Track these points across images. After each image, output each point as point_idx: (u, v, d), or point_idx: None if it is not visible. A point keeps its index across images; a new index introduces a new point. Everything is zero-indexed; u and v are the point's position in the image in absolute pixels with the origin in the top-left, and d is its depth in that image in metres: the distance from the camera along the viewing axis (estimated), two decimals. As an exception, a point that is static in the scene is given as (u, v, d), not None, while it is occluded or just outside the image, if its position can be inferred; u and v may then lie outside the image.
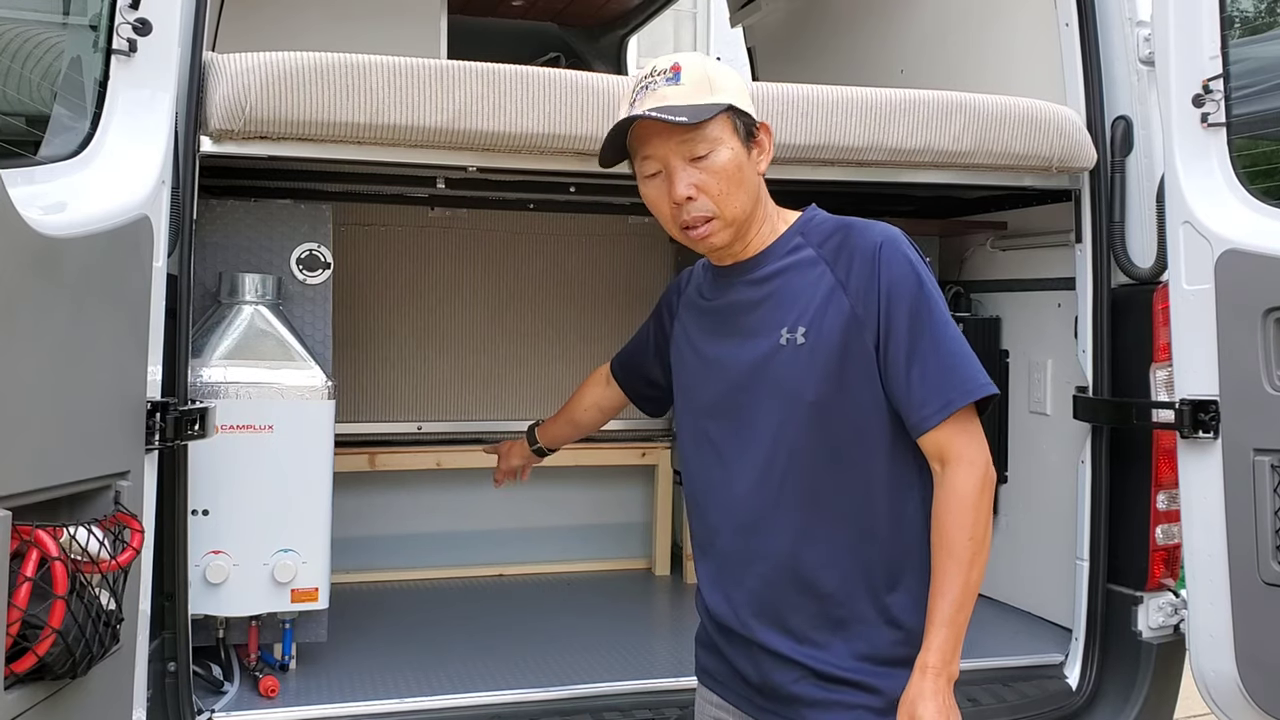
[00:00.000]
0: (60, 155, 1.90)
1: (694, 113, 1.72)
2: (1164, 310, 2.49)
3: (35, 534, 1.57)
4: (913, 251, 1.78)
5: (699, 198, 1.76)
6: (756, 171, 1.81)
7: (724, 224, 1.78)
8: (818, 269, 1.79)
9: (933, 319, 1.74)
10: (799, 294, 1.79)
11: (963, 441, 1.72)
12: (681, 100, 1.73)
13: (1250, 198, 2.37)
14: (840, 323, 1.75)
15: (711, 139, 1.74)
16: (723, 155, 1.75)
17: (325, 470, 2.56)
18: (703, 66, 1.78)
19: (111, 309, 1.85)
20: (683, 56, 1.80)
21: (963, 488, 1.71)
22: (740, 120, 1.78)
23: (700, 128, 1.73)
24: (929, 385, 1.72)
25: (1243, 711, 2.35)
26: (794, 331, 1.77)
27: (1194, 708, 2.68)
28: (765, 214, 1.86)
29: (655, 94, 1.75)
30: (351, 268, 3.42)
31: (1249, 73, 2.40)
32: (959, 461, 1.72)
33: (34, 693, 1.61)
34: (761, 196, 1.84)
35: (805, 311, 1.77)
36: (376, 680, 2.61)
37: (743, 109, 1.78)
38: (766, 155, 1.83)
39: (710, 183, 1.75)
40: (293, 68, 2.20)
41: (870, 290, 1.74)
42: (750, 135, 1.79)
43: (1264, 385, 2.27)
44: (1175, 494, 2.53)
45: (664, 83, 1.76)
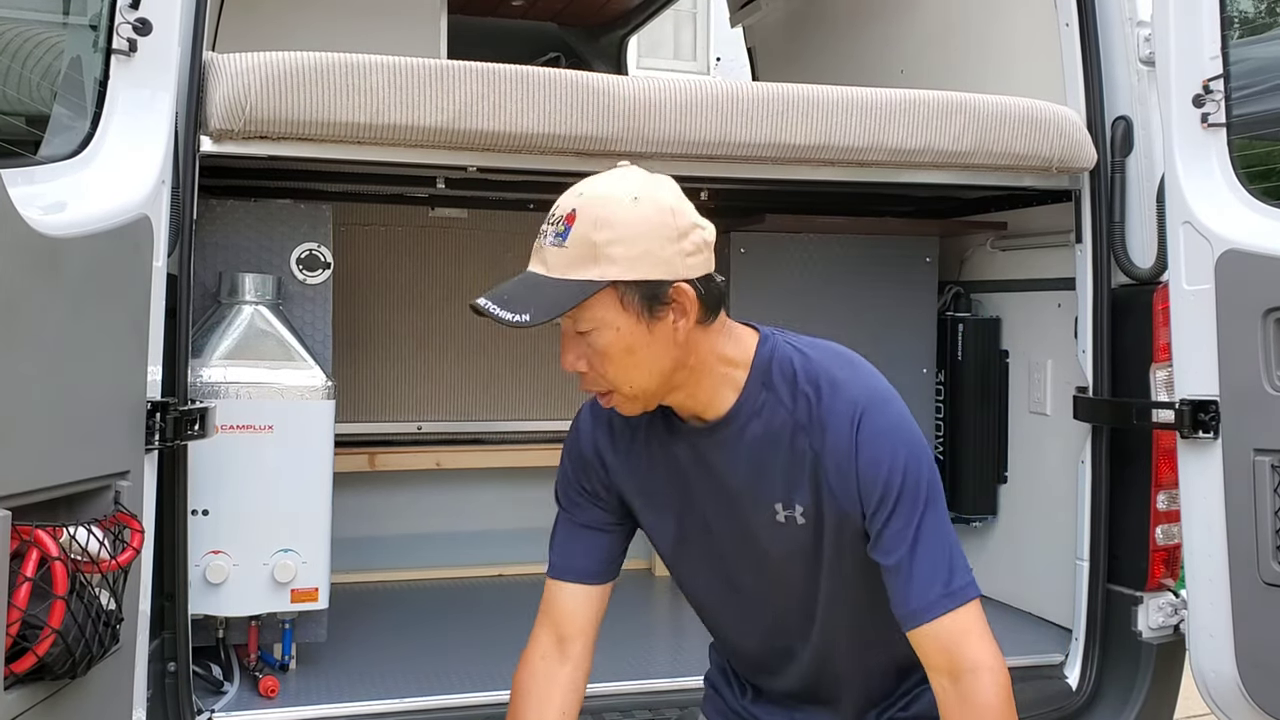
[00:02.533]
0: (60, 155, 1.90)
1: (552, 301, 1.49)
2: (1164, 310, 2.49)
3: (35, 534, 1.57)
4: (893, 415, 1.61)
5: (589, 373, 1.58)
6: (670, 341, 1.54)
7: (626, 398, 1.59)
8: (796, 437, 1.61)
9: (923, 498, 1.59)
10: (784, 466, 1.62)
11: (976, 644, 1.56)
12: (558, 268, 1.50)
13: (1250, 198, 2.37)
14: (830, 498, 1.61)
15: (591, 319, 1.52)
16: (604, 338, 1.53)
17: (325, 470, 2.56)
18: (594, 222, 1.49)
19: (111, 309, 1.85)
20: (585, 196, 1.52)
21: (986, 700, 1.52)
22: (635, 293, 1.51)
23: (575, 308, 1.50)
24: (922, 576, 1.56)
25: (1243, 712, 2.35)
26: (790, 509, 1.63)
27: (1194, 708, 2.68)
28: (707, 367, 1.61)
29: (539, 250, 1.54)
30: (351, 268, 3.42)
31: (1249, 73, 2.40)
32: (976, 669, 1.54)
33: (34, 693, 1.61)
34: (688, 360, 1.58)
35: (795, 486, 1.62)
36: (376, 680, 2.61)
37: (638, 279, 1.50)
38: (688, 317, 1.54)
39: (596, 360, 1.56)
40: (293, 67, 2.20)
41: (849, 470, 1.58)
42: (656, 303, 1.52)
43: (1264, 385, 2.27)
44: (1175, 494, 2.53)
45: (550, 239, 1.52)
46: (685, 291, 1.53)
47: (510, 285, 1.56)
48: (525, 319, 1.50)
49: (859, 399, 1.60)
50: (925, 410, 3.34)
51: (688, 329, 1.56)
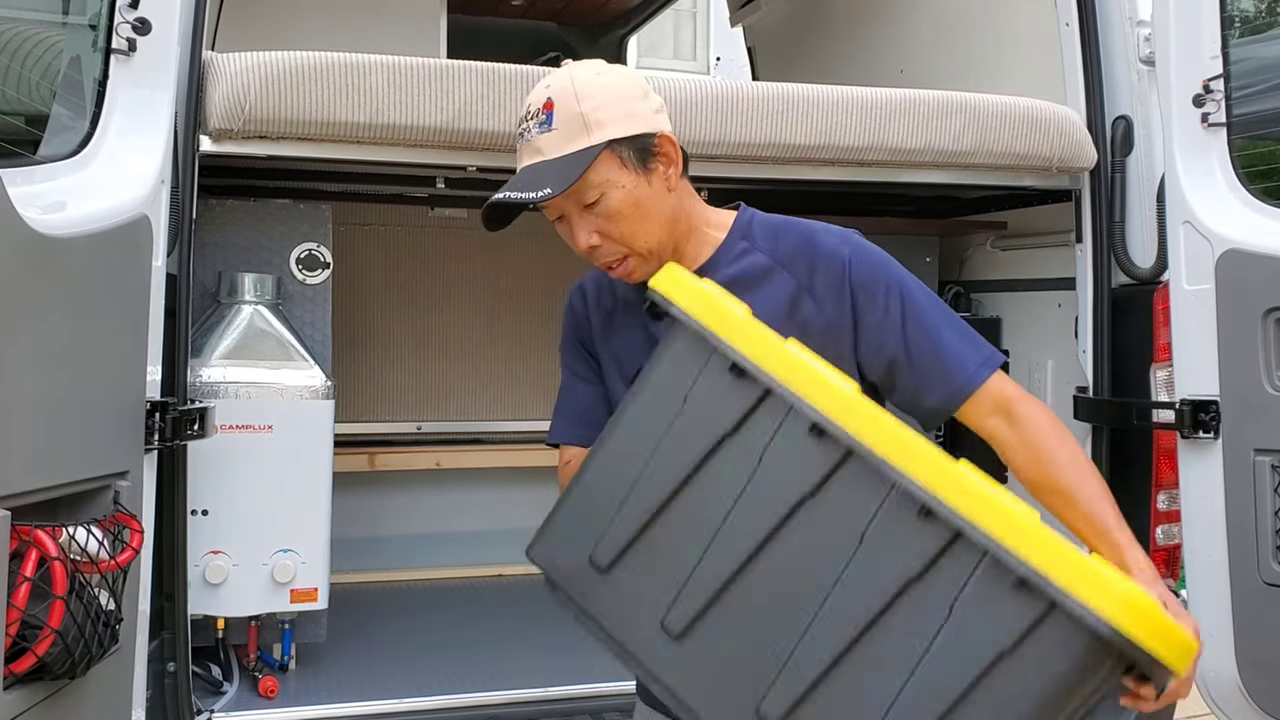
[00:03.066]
0: (60, 155, 1.90)
1: (562, 173, 1.57)
2: (1164, 310, 2.49)
3: (34, 534, 1.57)
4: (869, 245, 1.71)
5: (603, 243, 1.64)
6: (666, 190, 1.66)
7: (641, 259, 1.66)
8: (776, 275, 1.68)
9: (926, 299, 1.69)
10: (760, 304, 1.62)
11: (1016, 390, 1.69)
12: (554, 149, 1.59)
13: (1251, 198, 2.37)
14: (814, 330, 1.65)
15: (597, 184, 1.60)
16: (614, 198, 1.61)
17: (325, 470, 2.56)
18: (574, 97, 1.60)
19: (111, 309, 1.85)
20: (554, 85, 1.62)
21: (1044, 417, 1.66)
22: (629, 149, 1.61)
23: (581, 178, 1.58)
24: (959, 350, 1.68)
25: (1243, 712, 2.35)
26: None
27: (1194, 708, 2.68)
28: (692, 224, 1.72)
29: (529, 145, 1.62)
30: (351, 268, 3.42)
31: (1249, 73, 2.40)
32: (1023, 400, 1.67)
33: (33, 693, 1.61)
34: (681, 213, 1.70)
35: (779, 321, 1.61)
36: (376, 680, 2.61)
37: (629, 134, 1.61)
38: (675, 165, 1.67)
39: (610, 227, 1.63)
40: (292, 67, 2.19)
41: (843, 292, 1.65)
42: (648, 155, 1.63)
43: (1264, 385, 2.27)
44: (1175, 494, 2.52)
45: (535, 130, 1.61)
46: (669, 139, 1.66)
47: (516, 179, 1.62)
48: (547, 192, 1.56)
49: (847, 233, 1.71)
50: (925, 410, 3.34)
51: (677, 177, 1.68)
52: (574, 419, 1.86)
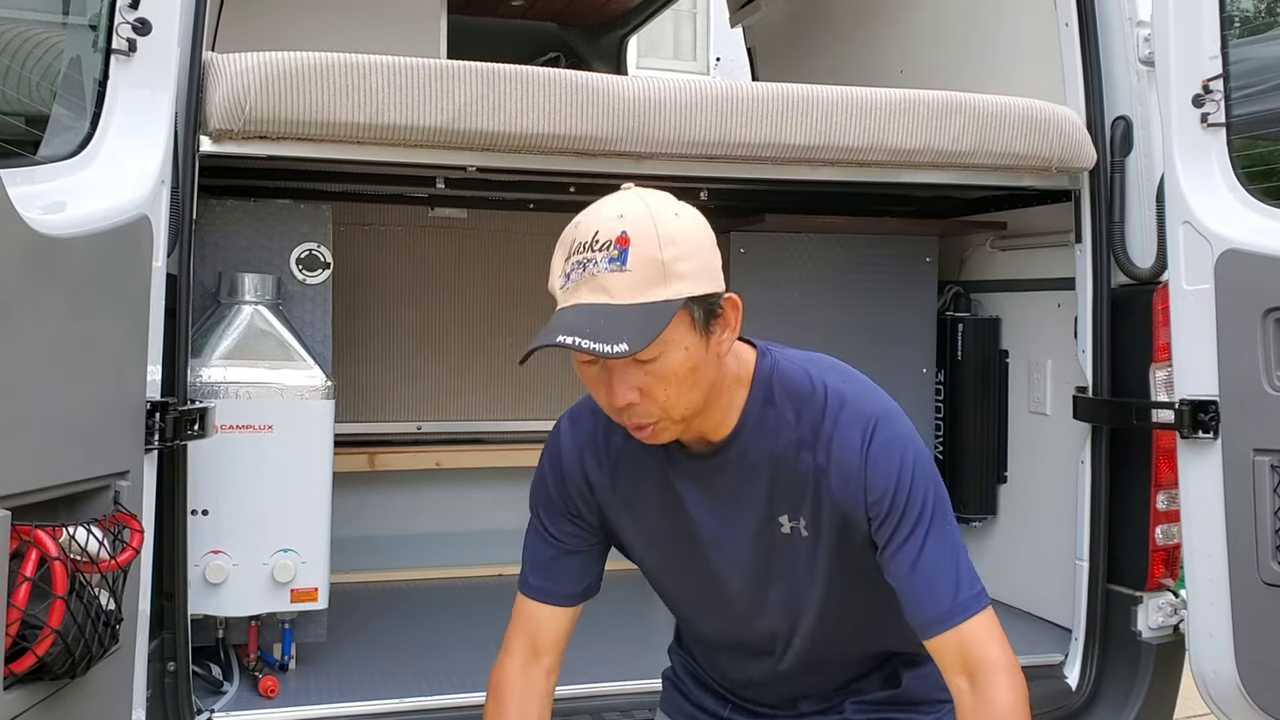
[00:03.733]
0: (60, 155, 1.90)
1: (640, 328, 1.41)
2: (1164, 310, 2.49)
3: (34, 534, 1.57)
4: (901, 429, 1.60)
5: (641, 402, 1.50)
6: (718, 355, 1.54)
7: (671, 423, 1.54)
8: (801, 453, 1.60)
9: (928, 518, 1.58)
10: (787, 482, 1.61)
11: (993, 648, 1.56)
12: (625, 294, 1.42)
13: (1250, 198, 2.37)
14: (831, 512, 1.61)
15: (662, 342, 1.45)
16: (673, 360, 1.47)
17: (325, 470, 2.56)
18: (656, 239, 1.44)
19: (111, 309, 1.85)
20: (630, 217, 1.46)
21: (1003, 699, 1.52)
22: (700, 308, 1.48)
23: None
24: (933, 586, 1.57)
25: (1243, 712, 2.35)
26: (795, 522, 1.62)
27: (1194, 708, 2.68)
28: (723, 388, 1.60)
29: (592, 280, 1.44)
30: (351, 268, 3.42)
31: (1249, 73, 2.40)
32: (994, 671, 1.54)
33: (33, 693, 1.61)
34: (720, 374, 1.58)
35: (799, 500, 1.61)
36: (376, 680, 2.61)
37: (703, 292, 1.47)
38: (732, 330, 1.54)
39: (656, 387, 1.49)
40: (292, 67, 2.20)
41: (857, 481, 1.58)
42: (711, 316, 1.50)
43: (1264, 385, 2.27)
44: (1175, 494, 2.53)
45: (605, 265, 1.43)
46: (735, 302, 1.53)
47: (579, 320, 1.44)
48: (624, 348, 1.40)
49: (868, 413, 1.59)
50: (925, 410, 3.34)
51: (731, 343, 1.55)
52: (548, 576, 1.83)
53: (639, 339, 1.41)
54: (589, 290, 1.45)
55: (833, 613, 1.71)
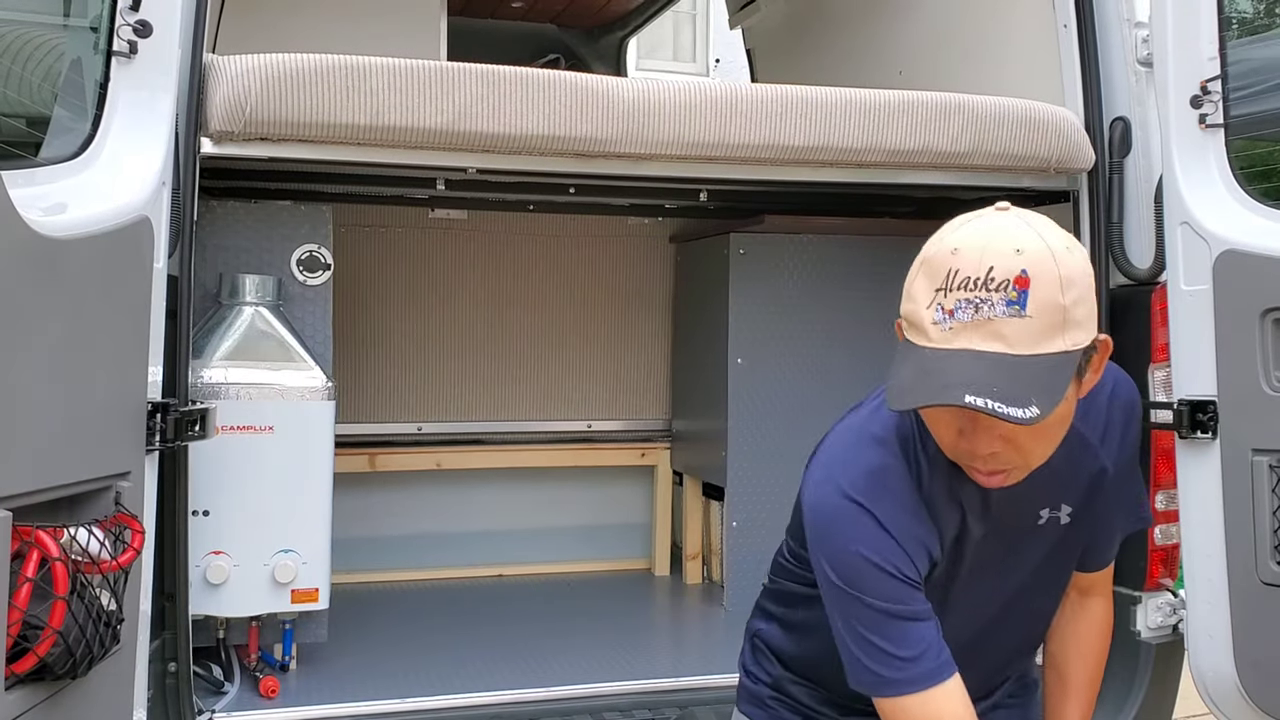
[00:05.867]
0: (61, 157, 1.91)
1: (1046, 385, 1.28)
2: (1162, 311, 2.49)
3: (36, 535, 1.57)
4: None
5: (1004, 451, 1.38)
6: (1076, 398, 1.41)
7: (1025, 470, 1.44)
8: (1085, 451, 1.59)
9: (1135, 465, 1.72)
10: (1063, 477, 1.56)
11: (1109, 576, 1.80)
12: (1024, 343, 1.28)
13: (1248, 198, 2.37)
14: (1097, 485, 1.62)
15: None
16: (1056, 411, 1.32)
17: (325, 471, 2.57)
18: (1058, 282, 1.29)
19: (112, 310, 1.85)
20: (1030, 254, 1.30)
21: (1107, 619, 1.79)
22: (1085, 356, 1.36)
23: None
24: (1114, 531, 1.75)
25: (1242, 711, 2.35)
26: (1056, 511, 1.58)
27: (1193, 708, 2.68)
28: None
29: (986, 324, 1.29)
30: (352, 269, 3.43)
31: (1247, 74, 2.40)
32: (1105, 596, 1.79)
33: (34, 693, 1.61)
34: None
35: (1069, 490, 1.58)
36: (376, 680, 2.62)
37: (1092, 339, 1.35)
38: (1096, 372, 1.41)
39: (1025, 440, 1.37)
40: (293, 69, 2.20)
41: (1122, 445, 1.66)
42: (1086, 358, 1.37)
43: (1262, 386, 2.27)
44: (1174, 494, 2.52)
45: (1002, 308, 1.28)
46: (1108, 344, 1.41)
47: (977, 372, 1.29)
48: (1035, 413, 1.27)
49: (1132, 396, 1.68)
50: (924, 411, 3.34)
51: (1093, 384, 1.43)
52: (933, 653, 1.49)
53: (1048, 400, 1.28)
54: (981, 336, 1.30)
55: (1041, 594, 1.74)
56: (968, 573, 1.58)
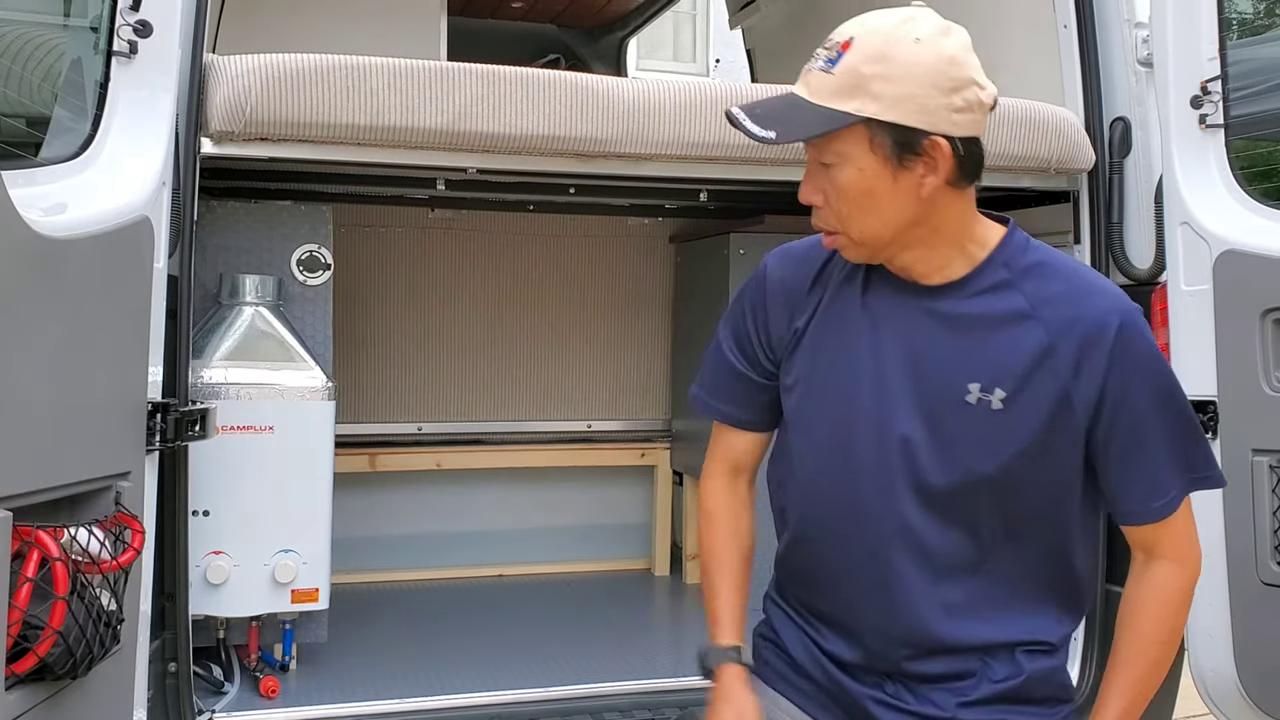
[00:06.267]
0: (61, 157, 1.91)
1: (803, 125, 1.47)
2: (1162, 311, 2.49)
3: (36, 535, 1.57)
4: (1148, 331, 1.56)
5: (824, 207, 1.53)
6: (914, 195, 1.49)
7: (850, 242, 1.55)
8: (1028, 323, 1.53)
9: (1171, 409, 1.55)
10: (1000, 346, 1.53)
11: (1179, 540, 1.58)
12: (818, 95, 1.47)
13: (1248, 199, 2.37)
14: (1051, 397, 1.52)
15: (836, 152, 1.48)
16: (845, 174, 1.48)
17: (325, 471, 2.57)
18: (870, 54, 1.46)
19: (112, 310, 1.85)
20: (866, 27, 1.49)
21: (1170, 586, 1.58)
22: (887, 135, 1.46)
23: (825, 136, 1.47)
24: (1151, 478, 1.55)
25: (1241, 711, 2.36)
26: (988, 392, 1.53)
27: (1193, 708, 2.68)
28: (945, 236, 1.55)
29: (807, 75, 1.51)
30: (352, 269, 3.43)
31: (1247, 74, 2.40)
32: (1172, 560, 1.58)
33: (34, 693, 1.61)
34: (931, 222, 1.53)
35: (1006, 372, 1.52)
36: (377, 680, 2.62)
37: (895, 122, 1.45)
38: (937, 175, 1.49)
39: (832, 197, 1.51)
40: (293, 69, 2.20)
41: (1095, 374, 1.51)
42: (908, 151, 1.47)
43: (1262, 386, 2.27)
44: (1174, 494, 2.53)
45: (820, 64, 1.49)
46: (941, 147, 1.47)
47: (768, 101, 1.53)
48: (771, 136, 1.48)
49: (1122, 309, 1.53)
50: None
51: (934, 186, 1.50)
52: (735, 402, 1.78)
53: (789, 134, 1.48)
54: (801, 83, 1.52)
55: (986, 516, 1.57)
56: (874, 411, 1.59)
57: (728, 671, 1.71)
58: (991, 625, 1.61)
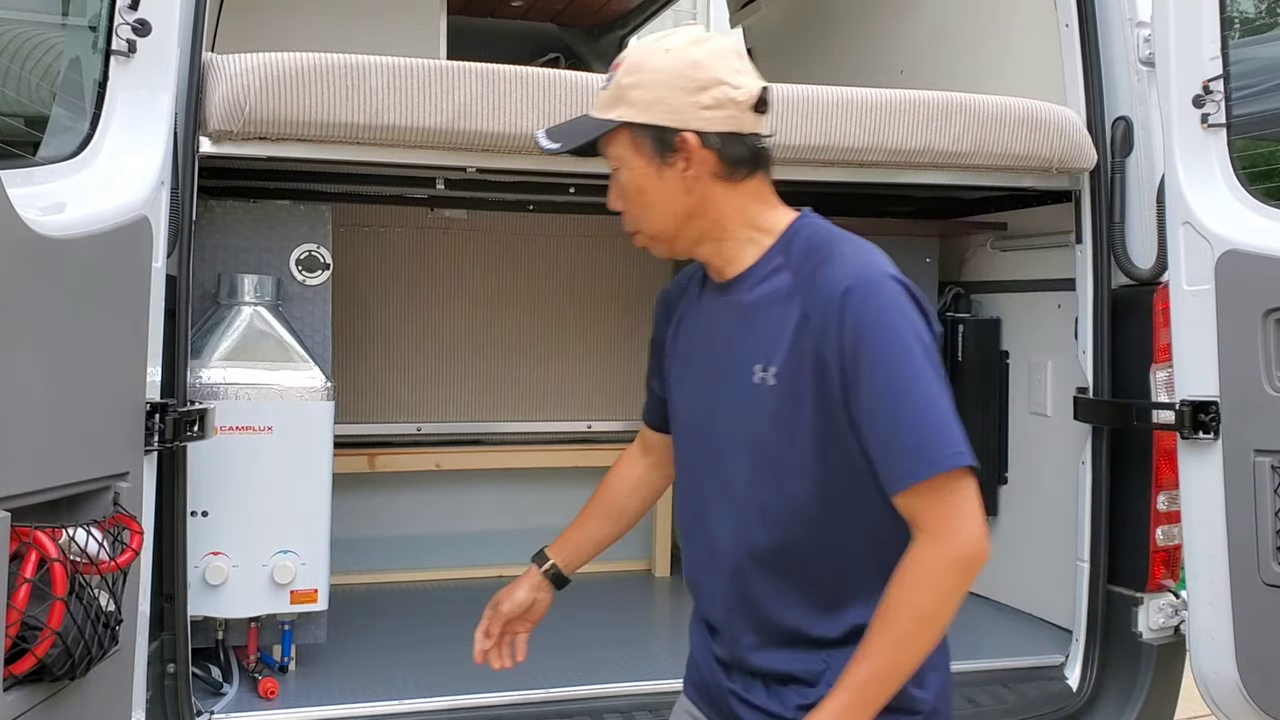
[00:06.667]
0: (59, 156, 1.90)
1: (579, 135, 1.66)
2: (1164, 311, 2.49)
3: (34, 535, 1.57)
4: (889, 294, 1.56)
5: (624, 210, 1.70)
6: (681, 188, 1.62)
7: (649, 238, 1.70)
8: (793, 300, 1.60)
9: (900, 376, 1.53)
10: (771, 325, 1.61)
11: (935, 515, 1.53)
12: (597, 110, 1.66)
13: (1250, 198, 2.37)
14: (810, 368, 1.57)
15: (613, 156, 1.65)
16: (624, 175, 1.65)
17: (324, 471, 2.56)
18: (629, 66, 1.63)
19: (111, 310, 1.85)
20: (634, 48, 1.66)
21: (923, 562, 1.52)
22: (645, 136, 1.60)
23: (604, 142, 1.64)
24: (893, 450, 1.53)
25: (1243, 712, 2.35)
26: (765, 370, 1.61)
27: (1194, 709, 2.68)
28: (730, 228, 1.66)
29: (597, 93, 1.69)
30: (351, 269, 3.42)
31: (1249, 73, 2.40)
32: (925, 534, 1.53)
33: (33, 694, 1.61)
34: (709, 214, 1.64)
35: (775, 349, 1.60)
36: (376, 681, 2.61)
37: (646, 122, 1.60)
38: (697, 163, 1.60)
39: (624, 200, 1.68)
40: (292, 68, 2.19)
41: (832, 338, 1.55)
42: (666, 148, 1.60)
43: (1264, 386, 2.27)
44: (1175, 495, 2.52)
45: (601, 83, 1.67)
46: (689, 141, 1.59)
47: (564, 122, 1.73)
48: (556, 146, 1.66)
49: (857, 275, 1.57)
50: (925, 411, 3.33)
51: (699, 180, 1.62)
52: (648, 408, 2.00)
53: (568, 141, 1.66)
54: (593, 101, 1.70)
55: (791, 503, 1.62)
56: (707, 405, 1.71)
57: (528, 570, 2.03)
58: (824, 618, 1.64)
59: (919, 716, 1.63)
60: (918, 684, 1.61)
